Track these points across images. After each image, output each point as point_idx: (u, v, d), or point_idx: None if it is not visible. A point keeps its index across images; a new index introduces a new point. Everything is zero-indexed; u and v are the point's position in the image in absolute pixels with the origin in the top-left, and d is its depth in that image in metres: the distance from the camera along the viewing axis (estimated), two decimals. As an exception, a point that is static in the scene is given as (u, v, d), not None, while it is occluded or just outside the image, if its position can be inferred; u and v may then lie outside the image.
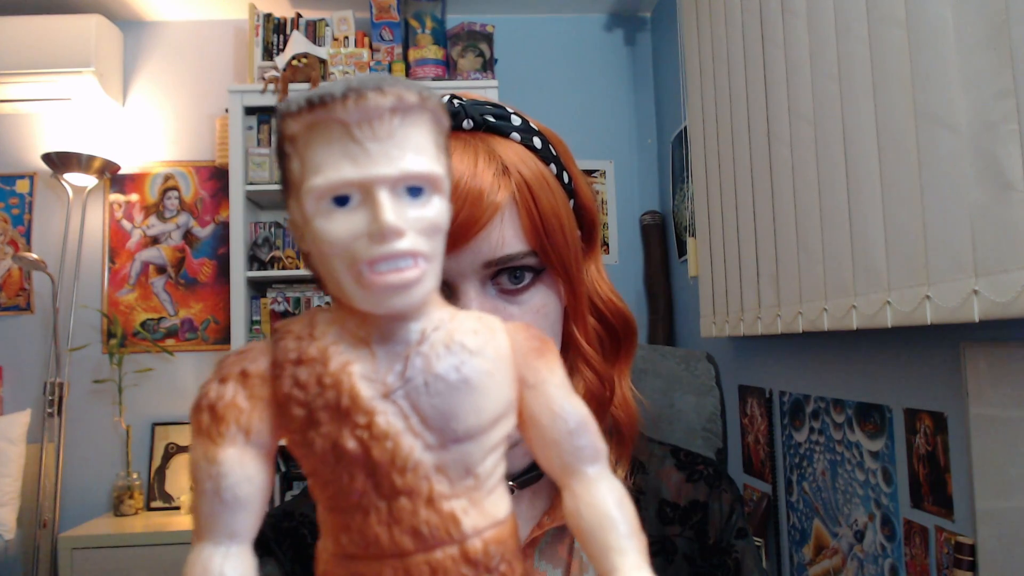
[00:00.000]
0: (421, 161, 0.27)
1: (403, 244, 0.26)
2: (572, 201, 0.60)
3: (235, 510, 0.28)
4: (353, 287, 0.27)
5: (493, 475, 0.29)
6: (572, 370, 0.61)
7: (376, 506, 0.27)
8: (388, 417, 0.27)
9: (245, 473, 0.28)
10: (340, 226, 0.26)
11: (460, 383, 0.28)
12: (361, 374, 0.27)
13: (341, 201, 0.26)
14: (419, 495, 0.27)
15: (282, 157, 0.28)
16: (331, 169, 0.26)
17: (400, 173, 0.26)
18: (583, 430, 0.29)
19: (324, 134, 0.26)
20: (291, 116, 0.27)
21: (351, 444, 0.27)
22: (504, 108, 0.58)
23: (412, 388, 0.27)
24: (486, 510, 0.28)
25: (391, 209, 0.26)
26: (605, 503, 0.29)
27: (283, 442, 0.29)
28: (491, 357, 0.29)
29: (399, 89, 0.26)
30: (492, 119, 0.56)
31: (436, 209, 0.27)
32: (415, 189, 0.27)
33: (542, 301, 0.56)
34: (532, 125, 0.58)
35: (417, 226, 0.26)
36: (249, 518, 0.28)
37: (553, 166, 0.58)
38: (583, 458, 0.29)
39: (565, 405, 0.30)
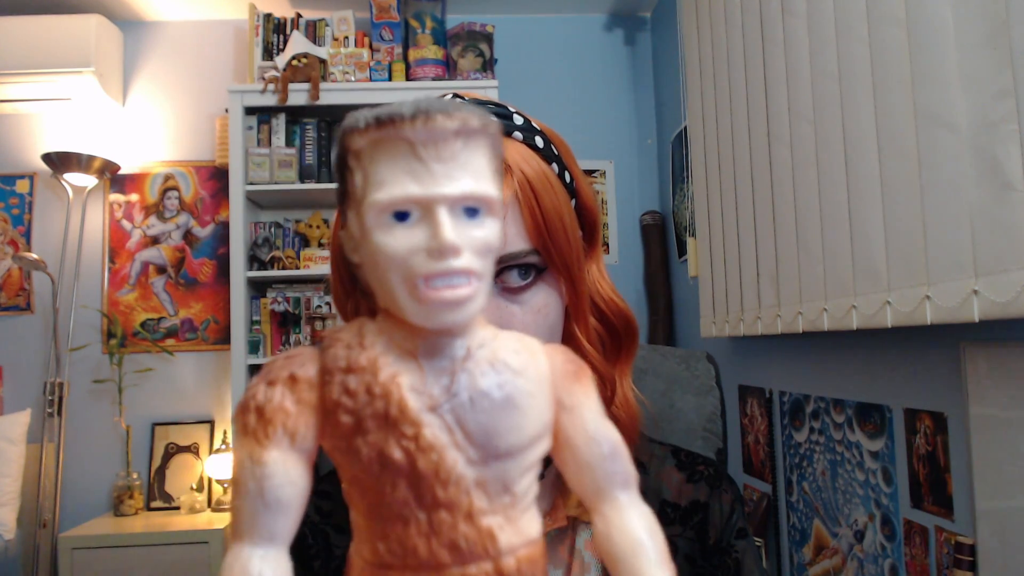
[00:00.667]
0: (480, 184, 0.28)
1: (459, 262, 0.27)
2: (574, 201, 0.60)
3: (276, 512, 0.28)
4: (407, 300, 0.27)
5: (528, 494, 0.30)
6: None
7: (416, 517, 0.28)
8: (434, 430, 0.27)
9: (289, 476, 0.28)
10: (399, 240, 0.27)
11: (503, 401, 0.28)
12: (409, 386, 0.28)
13: (401, 216, 0.27)
14: (459, 509, 0.28)
15: (343, 170, 0.28)
16: (395, 185, 0.27)
17: (460, 193, 0.27)
18: (617, 455, 0.30)
19: (389, 151, 0.27)
20: (358, 132, 0.27)
21: (397, 454, 0.27)
22: (506, 107, 0.58)
23: (458, 403, 0.28)
24: (521, 528, 0.29)
25: (451, 227, 0.27)
26: (636, 529, 0.29)
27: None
28: (533, 378, 0.29)
29: (465, 114, 0.28)
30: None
31: (490, 230, 0.28)
32: (472, 210, 0.28)
33: (544, 300, 0.56)
34: (534, 125, 0.58)
35: (472, 245, 0.27)
36: (289, 521, 0.28)
37: (555, 165, 0.58)
38: (616, 483, 0.30)
39: (600, 429, 0.30)
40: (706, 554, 0.63)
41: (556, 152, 0.59)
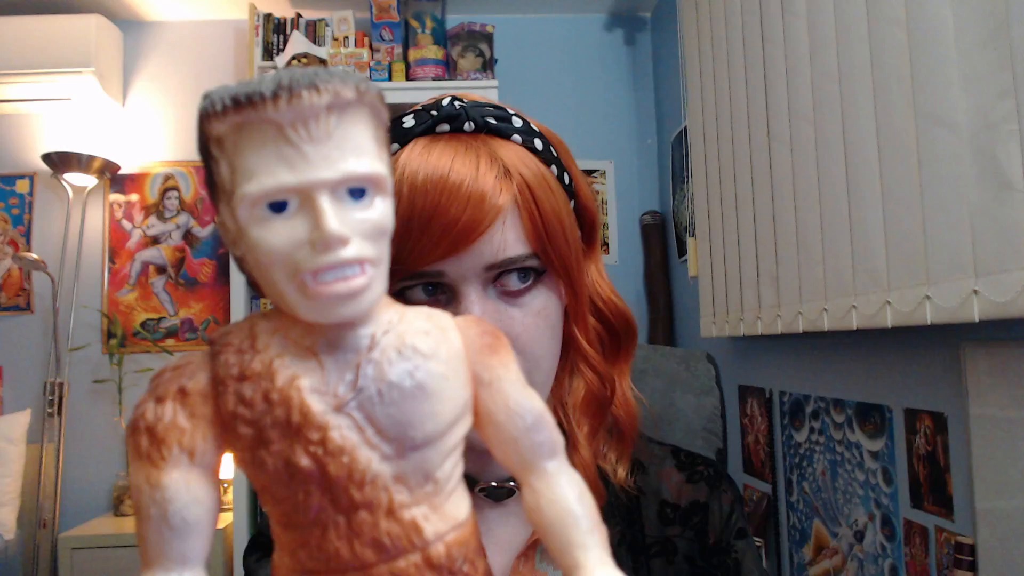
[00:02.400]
0: (362, 162, 0.25)
1: (348, 252, 0.25)
2: (572, 202, 0.60)
3: (185, 535, 0.26)
4: (296, 297, 0.25)
5: (452, 477, 0.29)
6: (573, 370, 0.61)
7: (335, 521, 0.26)
8: (342, 431, 0.26)
9: (193, 496, 0.26)
10: (279, 235, 0.25)
11: (415, 389, 0.27)
12: (311, 387, 0.26)
13: (277, 207, 0.25)
14: (379, 507, 0.26)
15: (208, 160, 0.26)
16: (265, 174, 0.24)
17: (341, 176, 0.25)
18: (540, 425, 0.29)
19: (255, 136, 0.25)
20: (216, 116, 0.25)
21: (305, 461, 0.26)
22: (505, 109, 0.57)
23: (365, 398, 0.26)
24: (447, 513, 0.28)
25: (334, 215, 0.24)
26: (566, 498, 0.28)
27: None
28: (444, 359, 0.28)
29: (335, 85, 0.25)
30: (493, 121, 0.55)
31: (380, 211, 0.26)
32: (357, 191, 0.25)
33: (543, 303, 0.56)
34: (533, 127, 0.58)
35: (361, 230, 0.25)
36: (200, 541, 0.27)
37: (554, 167, 0.58)
38: (541, 453, 0.29)
39: (521, 401, 0.29)
40: (706, 554, 0.63)
41: (555, 154, 0.59)
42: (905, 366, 1.40)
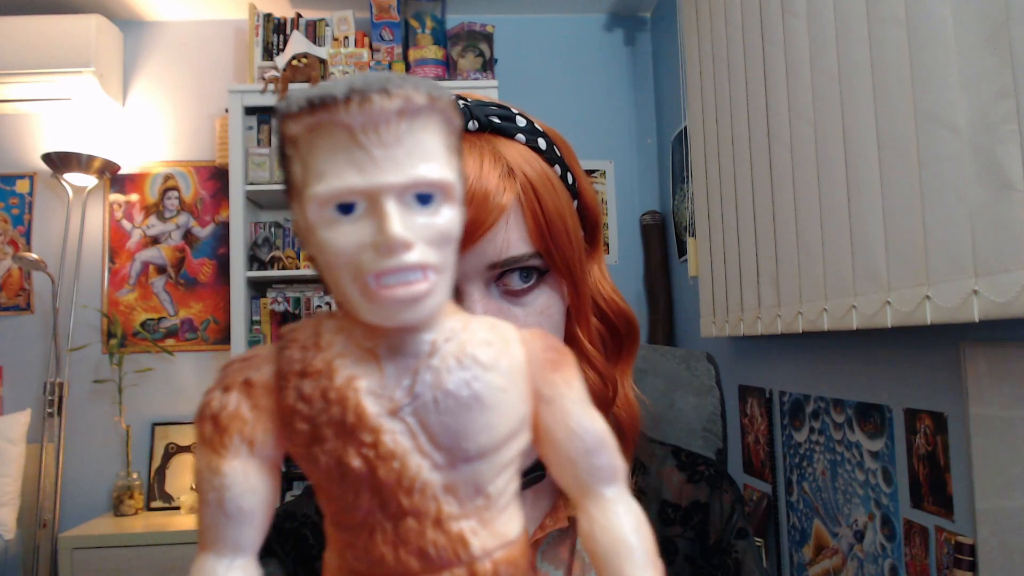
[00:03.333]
0: (431, 168, 0.25)
1: (412, 256, 0.25)
2: (576, 202, 0.60)
3: (239, 522, 0.27)
4: (359, 299, 0.26)
5: (505, 493, 0.28)
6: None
7: (382, 526, 0.26)
8: (395, 436, 0.26)
9: (249, 485, 0.27)
10: (345, 236, 0.25)
11: (471, 400, 0.26)
12: (367, 389, 0.26)
13: (346, 209, 0.25)
14: (426, 516, 0.26)
15: (283, 159, 0.26)
16: (335, 176, 0.25)
17: (408, 181, 0.25)
18: (601, 448, 0.28)
19: (327, 138, 0.25)
20: (291, 117, 0.25)
21: (356, 463, 0.26)
22: (509, 109, 0.57)
23: (421, 405, 0.26)
24: (497, 530, 0.27)
25: (398, 220, 0.25)
26: (621, 528, 0.27)
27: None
28: (505, 371, 0.27)
29: (407, 90, 0.25)
30: (497, 120, 0.55)
31: (447, 217, 0.26)
32: (425, 196, 0.25)
33: (546, 302, 0.56)
34: (537, 126, 0.58)
35: (426, 236, 0.25)
36: (253, 530, 0.27)
37: (557, 167, 0.58)
38: (600, 478, 0.28)
39: (583, 421, 0.28)
40: (706, 554, 0.63)
41: (559, 153, 0.59)
42: (905, 366, 1.40)
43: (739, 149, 1.92)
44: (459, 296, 0.53)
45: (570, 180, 0.59)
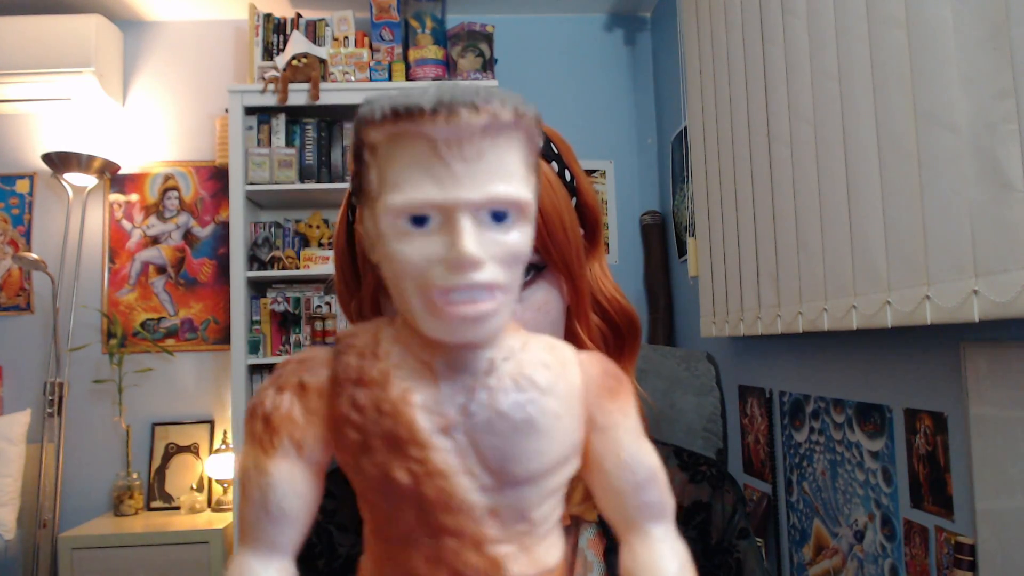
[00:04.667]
0: (509, 186, 0.25)
1: (481, 276, 0.24)
2: (574, 199, 0.60)
3: (280, 523, 0.27)
4: (423, 313, 0.25)
5: (549, 519, 0.27)
6: None
7: (421, 542, 0.26)
8: (445, 454, 0.25)
9: (294, 488, 0.27)
10: (416, 249, 0.25)
11: (524, 424, 0.26)
12: (421, 404, 0.26)
13: (419, 221, 0.25)
14: (467, 537, 0.26)
15: (359, 164, 0.26)
16: (412, 188, 0.24)
17: (486, 199, 0.24)
18: (651, 484, 0.28)
19: (407, 148, 0.24)
20: (374, 125, 0.25)
21: (403, 477, 0.25)
22: None
23: (473, 425, 0.26)
24: (536, 557, 0.27)
25: (472, 238, 0.24)
26: (666, 570, 0.27)
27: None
28: (561, 395, 0.27)
29: (494, 106, 0.24)
30: None
31: (519, 237, 0.25)
32: (499, 214, 0.25)
33: (544, 298, 0.56)
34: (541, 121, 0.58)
35: (497, 254, 0.25)
36: (293, 532, 0.27)
37: (555, 164, 0.58)
38: (647, 515, 0.28)
39: (636, 454, 0.28)
40: (708, 554, 0.63)
41: (556, 151, 0.59)
42: (905, 366, 1.40)
43: (739, 149, 1.92)
44: None
45: (568, 178, 0.59)
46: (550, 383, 0.27)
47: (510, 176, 0.25)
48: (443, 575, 0.26)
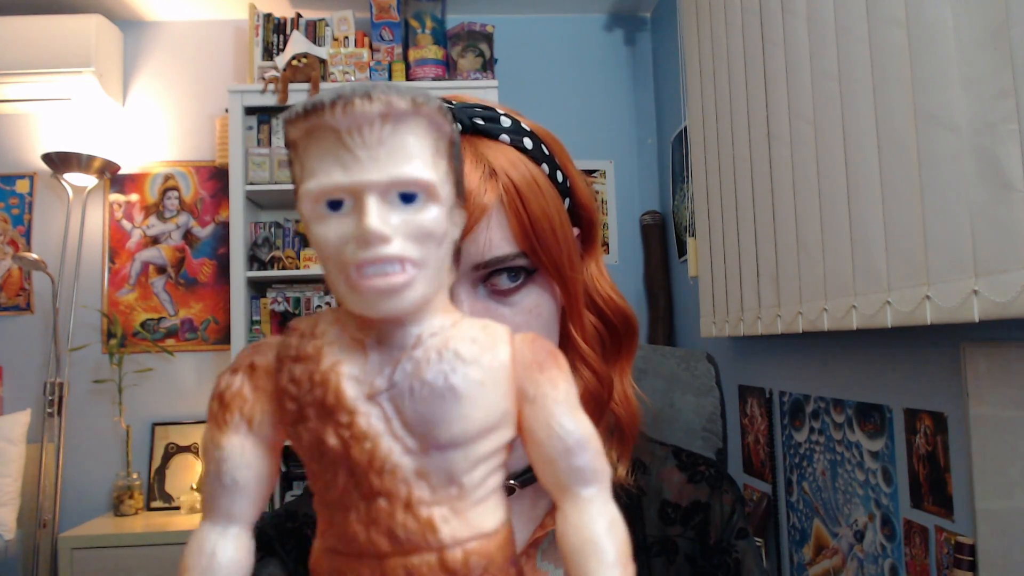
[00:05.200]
0: (411, 167, 0.27)
1: (389, 249, 0.26)
2: (567, 200, 0.60)
3: (233, 494, 0.29)
4: (344, 289, 0.27)
5: (483, 486, 0.29)
6: (571, 369, 0.61)
7: (356, 505, 0.28)
8: (370, 419, 0.27)
9: (245, 460, 0.29)
10: (332, 230, 0.27)
11: (446, 390, 0.27)
12: (349, 374, 0.28)
13: (335, 206, 0.27)
14: (397, 498, 0.27)
15: (289, 161, 0.29)
16: (323, 174, 0.27)
17: (388, 179, 0.26)
18: (581, 449, 0.29)
19: (319, 140, 0.27)
20: (291, 122, 0.28)
21: (333, 441, 0.27)
22: (494, 109, 0.57)
23: (397, 392, 0.27)
24: (470, 521, 0.28)
25: (376, 214, 0.26)
26: (593, 528, 0.28)
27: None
28: (485, 366, 0.28)
29: (389, 96, 0.27)
30: (481, 121, 0.55)
31: (430, 216, 0.27)
32: (408, 196, 0.27)
33: (535, 301, 0.56)
34: (523, 125, 0.58)
35: (406, 231, 0.27)
36: (247, 503, 0.29)
37: (545, 166, 0.57)
38: (578, 479, 0.29)
39: (564, 422, 0.29)
40: (707, 554, 0.63)
41: (547, 152, 0.58)
42: (905, 366, 1.40)
43: (739, 149, 1.92)
44: (450, 298, 0.53)
45: (560, 178, 0.59)
46: (474, 355, 0.28)
47: (411, 159, 0.27)
48: (378, 535, 0.27)
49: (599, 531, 0.28)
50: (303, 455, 0.29)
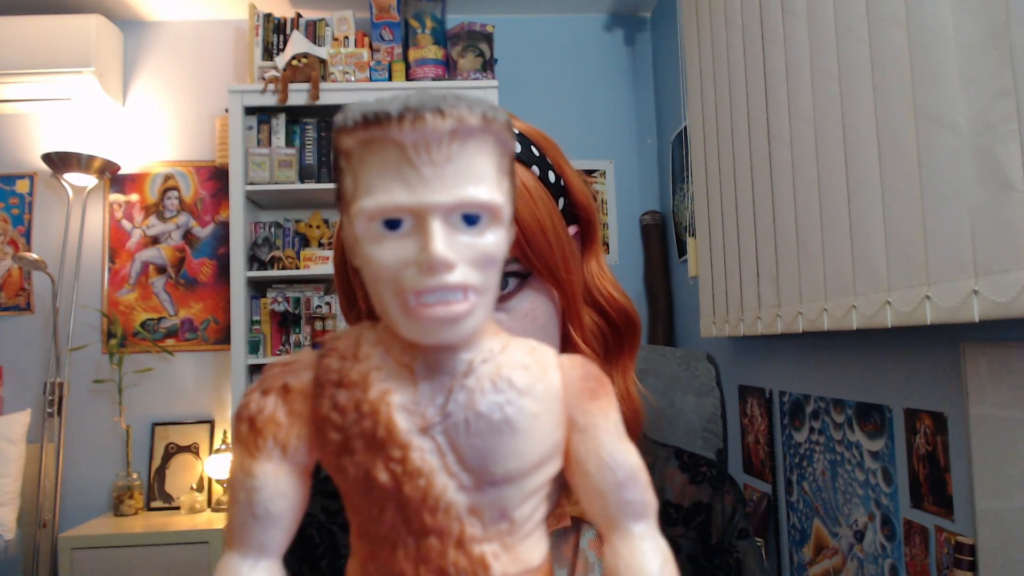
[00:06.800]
0: (479, 189, 0.25)
1: (453, 277, 0.25)
2: (563, 199, 0.60)
3: (266, 525, 0.27)
4: (399, 315, 0.26)
5: (531, 519, 0.28)
6: None
7: (405, 542, 0.26)
8: (424, 454, 0.26)
9: (279, 489, 0.27)
10: (389, 252, 0.25)
11: (502, 424, 0.26)
12: (400, 405, 0.26)
13: (392, 224, 0.25)
14: (449, 536, 0.26)
15: (337, 171, 0.27)
16: (383, 192, 0.25)
17: (455, 201, 0.25)
18: (632, 483, 0.28)
19: (379, 153, 0.25)
20: (346, 131, 0.26)
21: (383, 477, 0.26)
22: None
23: (451, 425, 0.26)
24: (519, 556, 0.27)
25: (442, 239, 0.25)
26: (647, 567, 0.27)
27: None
28: (540, 396, 0.27)
29: (460, 111, 0.25)
30: None
31: (492, 240, 0.26)
32: (471, 217, 0.25)
33: (531, 305, 0.56)
34: (513, 128, 0.58)
35: (469, 256, 0.25)
36: (279, 534, 0.28)
37: (536, 168, 0.57)
38: (629, 513, 0.28)
39: (616, 454, 0.28)
40: (708, 554, 0.64)
41: (538, 152, 0.58)
42: (905, 366, 1.40)
43: (739, 149, 1.92)
44: None
45: (553, 178, 0.58)
46: (528, 384, 0.27)
47: (480, 179, 0.25)
48: (427, 573, 0.26)
49: (652, 570, 0.27)
50: (345, 487, 0.27)
